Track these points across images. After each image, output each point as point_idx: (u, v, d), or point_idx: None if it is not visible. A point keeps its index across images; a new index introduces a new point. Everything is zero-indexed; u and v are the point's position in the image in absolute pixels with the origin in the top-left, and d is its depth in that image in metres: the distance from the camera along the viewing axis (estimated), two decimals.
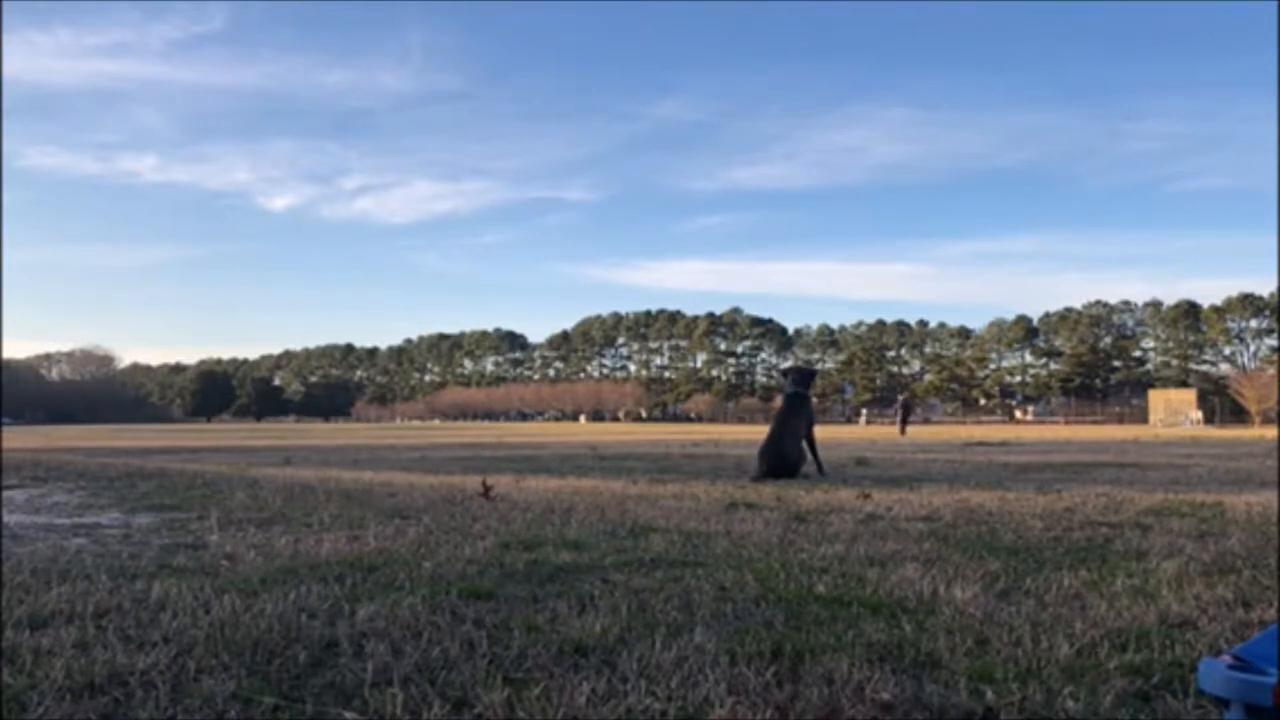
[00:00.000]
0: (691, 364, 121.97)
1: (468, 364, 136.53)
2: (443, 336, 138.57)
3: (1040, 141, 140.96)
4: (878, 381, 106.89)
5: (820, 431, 10.58)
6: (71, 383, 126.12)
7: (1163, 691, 2.18)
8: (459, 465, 11.33)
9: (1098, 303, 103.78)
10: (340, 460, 12.91)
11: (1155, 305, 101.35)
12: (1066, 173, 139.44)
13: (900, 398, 41.06)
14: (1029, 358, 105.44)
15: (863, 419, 79.96)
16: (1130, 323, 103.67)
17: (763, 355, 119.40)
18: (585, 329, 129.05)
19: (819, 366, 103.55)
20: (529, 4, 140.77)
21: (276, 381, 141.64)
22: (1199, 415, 68.34)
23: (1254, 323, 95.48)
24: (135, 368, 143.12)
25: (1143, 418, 76.01)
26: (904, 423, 34.93)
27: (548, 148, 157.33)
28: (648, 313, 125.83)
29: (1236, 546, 4.27)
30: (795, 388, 9.77)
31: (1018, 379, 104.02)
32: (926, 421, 77.04)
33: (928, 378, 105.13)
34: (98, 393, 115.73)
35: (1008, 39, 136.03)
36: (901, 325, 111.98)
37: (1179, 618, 2.88)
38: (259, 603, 3.00)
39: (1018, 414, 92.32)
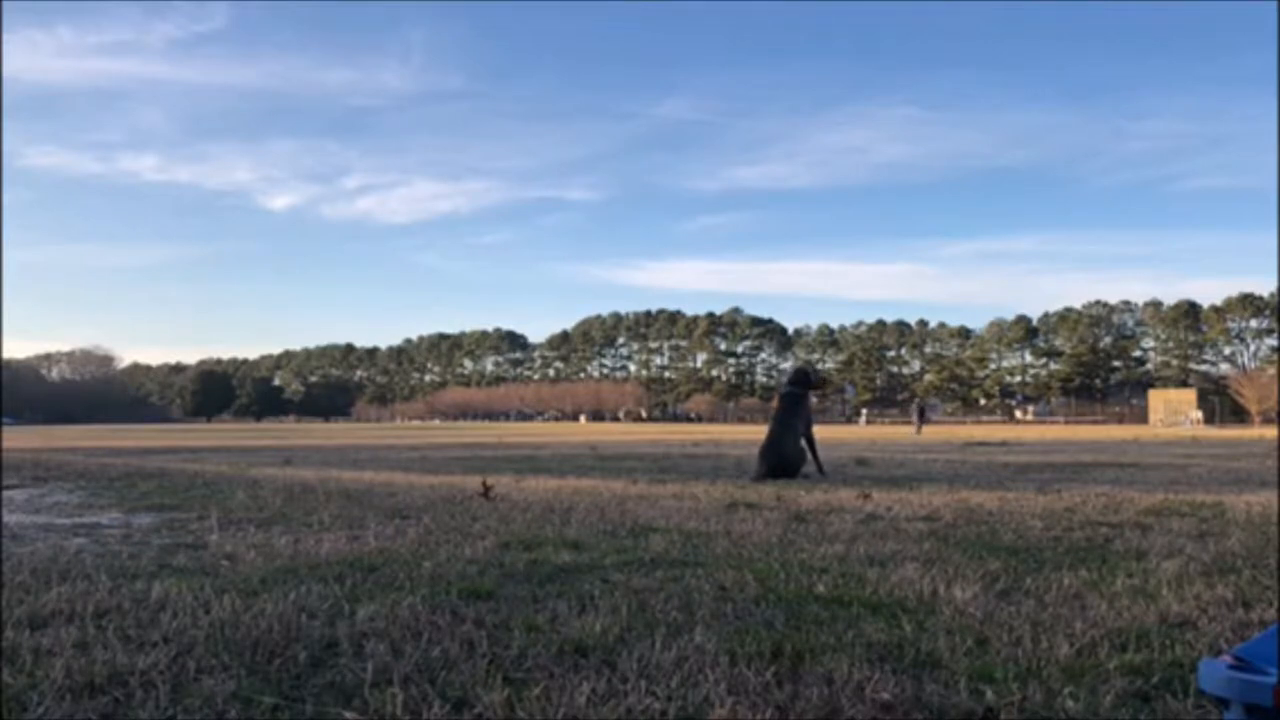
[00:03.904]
0: (691, 364, 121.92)
1: (468, 364, 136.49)
2: (443, 336, 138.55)
3: (1042, 141, 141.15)
4: (878, 381, 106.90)
5: (820, 431, 10.59)
6: (71, 383, 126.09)
7: (1163, 691, 2.18)
8: (459, 465, 11.33)
9: (1098, 303, 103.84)
10: (340, 460, 12.91)
11: (1155, 305, 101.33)
12: (1068, 172, 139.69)
13: (916, 401, 43.45)
14: (1029, 358, 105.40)
15: (863, 419, 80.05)
16: (1130, 323, 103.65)
17: (763, 355, 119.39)
18: (585, 329, 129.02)
19: (819, 366, 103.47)
20: (530, 4, 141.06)
21: (276, 381, 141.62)
22: (1199, 415, 68.36)
23: (1254, 323, 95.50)
24: (135, 368, 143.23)
25: (1143, 418, 76.05)
26: (920, 423, 37.18)
27: (548, 148, 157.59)
28: (648, 313, 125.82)
29: (1236, 546, 4.27)
30: (790, 387, 9.81)
31: (1018, 379, 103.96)
32: (926, 421, 76.99)
33: (928, 378, 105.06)
34: (98, 393, 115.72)
35: (1010, 39, 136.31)
36: (901, 325, 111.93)
37: (1179, 618, 2.88)
38: (259, 603, 3.00)
39: (1018, 414, 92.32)
